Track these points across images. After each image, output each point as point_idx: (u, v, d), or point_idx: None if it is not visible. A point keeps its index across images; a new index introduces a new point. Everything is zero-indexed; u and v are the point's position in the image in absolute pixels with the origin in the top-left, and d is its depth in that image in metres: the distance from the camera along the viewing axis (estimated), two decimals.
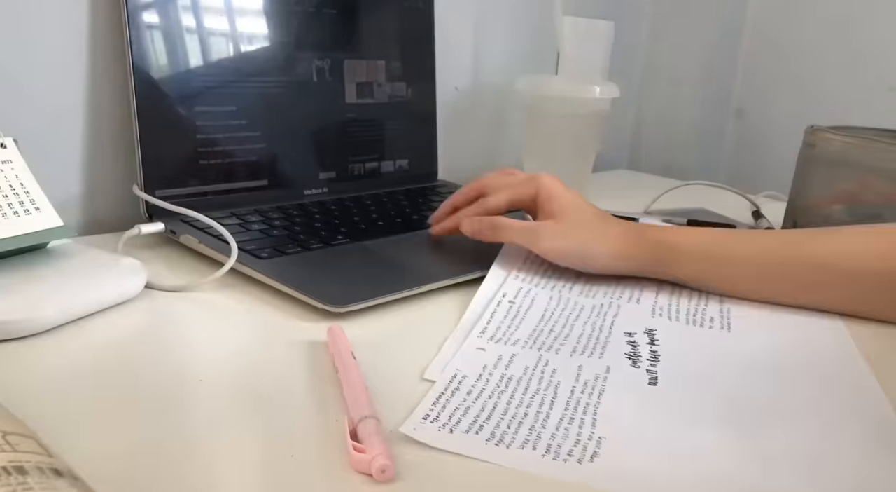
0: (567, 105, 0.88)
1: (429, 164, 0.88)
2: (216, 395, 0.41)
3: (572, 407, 0.40)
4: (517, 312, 0.53)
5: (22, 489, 0.23)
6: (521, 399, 0.41)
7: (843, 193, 0.72)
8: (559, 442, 0.37)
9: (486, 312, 0.52)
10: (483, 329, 0.50)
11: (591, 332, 0.51)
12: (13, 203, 0.52)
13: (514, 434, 0.37)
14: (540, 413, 0.40)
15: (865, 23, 1.00)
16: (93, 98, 0.67)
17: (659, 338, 0.50)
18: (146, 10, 0.64)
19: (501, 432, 0.37)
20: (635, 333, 0.51)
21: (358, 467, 0.34)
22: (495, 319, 0.51)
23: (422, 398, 0.41)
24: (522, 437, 0.37)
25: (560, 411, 0.40)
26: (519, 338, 0.49)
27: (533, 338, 0.49)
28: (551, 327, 0.51)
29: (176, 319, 0.51)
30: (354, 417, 0.37)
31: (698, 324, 0.53)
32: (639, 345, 0.49)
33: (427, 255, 0.65)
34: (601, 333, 0.50)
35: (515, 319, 0.52)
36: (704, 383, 0.45)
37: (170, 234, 0.63)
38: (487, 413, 0.39)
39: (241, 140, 0.70)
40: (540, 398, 0.41)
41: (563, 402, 0.41)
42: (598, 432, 0.38)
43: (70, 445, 0.31)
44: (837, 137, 0.72)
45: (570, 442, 0.37)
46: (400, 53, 0.83)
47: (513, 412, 0.39)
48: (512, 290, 0.56)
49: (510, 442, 0.37)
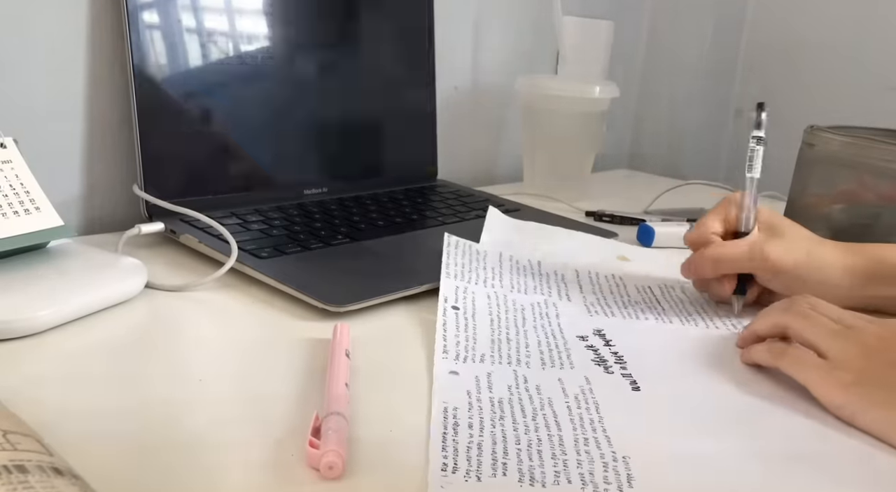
0: (567, 105, 0.88)
1: (428, 163, 0.88)
2: (216, 394, 0.42)
3: (579, 426, 0.40)
4: (466, 321, 0.52)
5: (23, 488, 0.23)
6: (524, 423, 0.40)
7: (842, 193, 0.72)
8: (589, 469, 0.36)
9: (439, 326, 0.50)
10: (444, 348, 0.47)
11: (546, 339, 0.51)
12: (13, 203, 0.52)
13: (542, 468, 0.36)
14: (552, 437, 0.39)
15: (865, 23, 0.99)
16: (93, 98, 0.67)
17: (610, 338, 0.52)
18: (146, 10, 0.64)
19: (527, 467, 0.36)
20: (587, 337, 0.52)
21: (310, 463, 0.34)
22: (449, 332, 0.49)
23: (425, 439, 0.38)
24: (551, 470, 0.36)
25: (569, 431, 0.39)
26: (483, 353, 0.48)
27: (496, 350, 0.48)
28: (506, 336, 0.50)
29: (176, 318, 0.51)
30: (321, 413, 0.37)
31: (633, 317, 0.56)
32: (598, 348, 0.50)
33: (426, 254, 0.65)
34: (557, 340, 0.51)
35: (468, 330, 0.50)
36: (681, 381, 0.47)
37: (170, 233, 0.63)
38: (502, 447, 0.37)
39: (241, 139, 0.70)
40: (542, 420, 0.40)
41: (567, 420, 0.40)
42: (618, 450, 0.38)
43: (70, 444, 0.31)
44: (836, 137, 0.72)
45: (599, 468, 0.36)
46: (400, 53, 0.83)
47: (526, 441, 0.38)
48: (450, 293, 0.55)
49: (543, 479, 0.35)
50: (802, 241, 0.56)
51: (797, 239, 0.56)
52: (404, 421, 0.40)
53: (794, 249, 0.55)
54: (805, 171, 0.76)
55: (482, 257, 0.62)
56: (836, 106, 0.99)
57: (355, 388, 0.42)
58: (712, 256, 0.55)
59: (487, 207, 0.74)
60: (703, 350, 0.51)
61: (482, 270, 0.60)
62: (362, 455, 0.36)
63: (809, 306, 0.47)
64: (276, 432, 0.38)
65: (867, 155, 0.70)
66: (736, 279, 0.56)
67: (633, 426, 0.40)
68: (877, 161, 0.69)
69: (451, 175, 0.90)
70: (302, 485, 0.34)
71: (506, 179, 1.00)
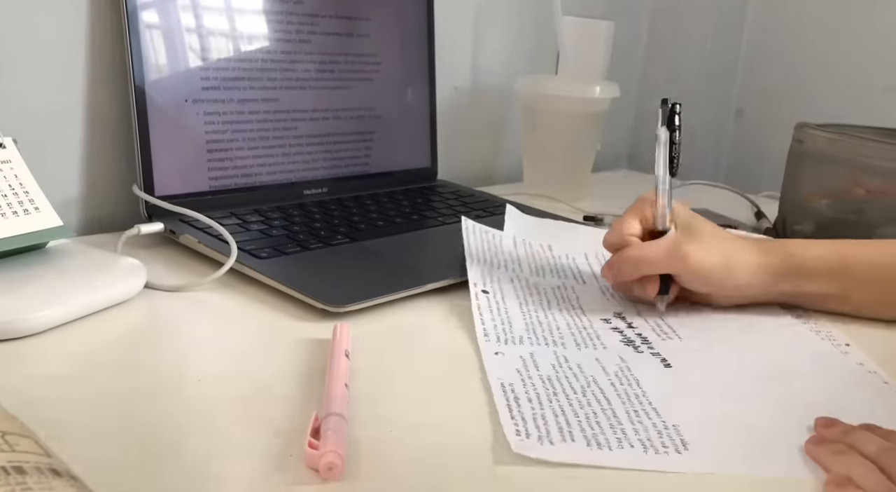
0: (567, 105, 0.88)
1: (428, 164, 0.88)
2: (215, 395, 0.41)
3: (626, 400, 0.43)
4: (497, 304, 0.55)
5: (21, 489, 0.23)
6: (577, 399, 0.43)
7: (829, 189, 0.73)
8: (646, 436, 0.39)
9: (475, 310, 0.53)
10: (485, 332, 0.50)
11: (574, 321, 0.54)
12: (12, 203, 0.52)
13: (604, 436, 0.39)
14: (605, 410, 0.42)
15: (865, 24, 0.99)
16: (92, 98, 0.67)
17: (631, 321, 0.55)
18: (146, 10, 0.64)
19: (591, 435, 0.39)
20: (610, 320, 0.55)
21: (309, 463, 0.34)
22: (486, 316, 0.52)
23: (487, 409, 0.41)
24: (613, 437, 0.39)
25: (619, 404, 0.42)
26: (521, 335, 0.51)
27: (532, 332, 0.51)
28: (538, 319, 0.53)
29: (175, 318, 0.51)
30: (320, 413, 0.37)
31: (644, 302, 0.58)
32: (622, 330, 0.53)
33: (426, 255, 0.65)
34: (583, 323, 0.54)
35: (501, 313, 0.53)
36: (705, 355, 0.50)
37: (169, 234, 0.63)
38: (564, 419, 0.40)
39: (241, 139, 0.70)
40: (592, 395, 0.43)
41: (615, 395, 0.43)
42: (667, 420, 0.41)
43: (68, 445, 0.31)
44: (823, 134, 0.74)
45: (654, 435, 0.40)
46: (400, 53, 0.83)
47: (583, 414, 0.41)
48: (478, 277, 0.57)
49: (608, 444, 0.38)
50: (719, 241, 0.56)
51: (714, 239, 0.55)
52: (404, 421, 0.40)
53: (711, 250, 0.55)
54: (795, 167, 0.77)
55: (499, 242, 0.65)
56: (836, 106, 0.99)
57: (355, 388, 0.41)
58: (632, 257, 0.55)
59: (487, 207, 0.74)
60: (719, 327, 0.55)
61: (501, 255, 0.63)
62: (362, 456, 0.36)
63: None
64: (275, 432, 0.37)
65: (854, 152, 0.71)
66: (658, 280, 0.55)
67: (674, 398, 0.44)
68: (863, 157, 0.71)
69: (451, 175, 0.90)
70: (301, 485, 0.34)
71: (506, 179, 1.00)
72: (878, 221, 0.70)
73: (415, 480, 0.35)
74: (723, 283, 0.55)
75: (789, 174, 0.78)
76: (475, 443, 0.38)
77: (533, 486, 0.35)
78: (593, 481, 0.36)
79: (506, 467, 0.36)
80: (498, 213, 0.74)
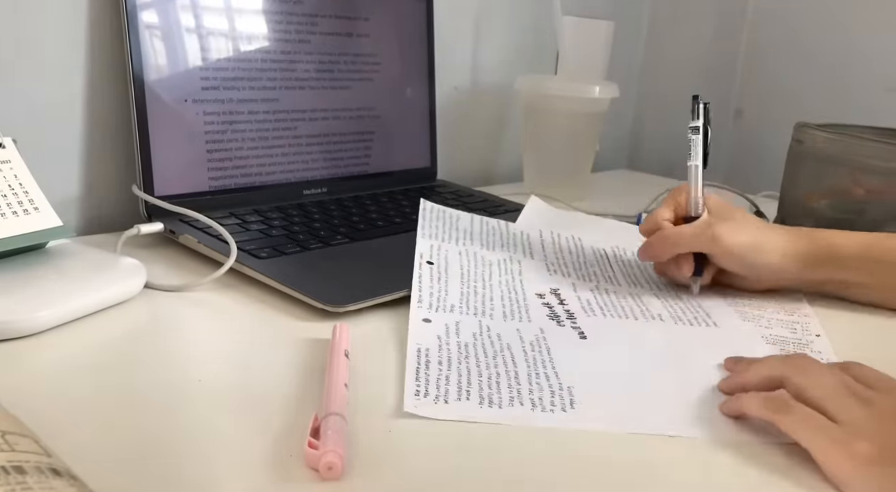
0: (567, 105, 0.88)
1: (428, 164, 0.88)
2: (215, 395, 0.41)
3: (532, 364, 0.46)
4: (440, 275, 0.57)
5: (21, 489, 0.23)
6: (486, 362, 0.46)
7: (829, 189, 0.74)
8: (539, 396, 0.43)
9: (415, 278, 0.55)
10: (419, 298, 0.53)
11: (509, 294, 0.57)
12: (12, 203, 0.52)
13: (499, 395, 0.42)
14: (509, 372, 0.45)
15: (865, 24, 0.99)
16: (92, 98, 0.67)
17: (564, 297, 0.57)
18: (146, 9, 0.64)
19: (487, 394, 0.42)
20: (545, 294, 0.58)
21: (309, 463, 0.34)
22: (424, 284, 0.55)
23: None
24: (507, 396, 0.42)
25: (524, 367, 0.46)
26: (453, 304, 0.53)
27: (464, 302, 0.54)
28: (474, 289, 0.56)
29: (175, 319, 0.51)
30: (320, 413, 0.37)
31: (586, 279, 0.61)
32: (553, 306, 0.56)
33: None
34: (518, 296, 0.57)
35: (441, 282, 0.56)
36: (622, 333, 0.53)
37: (169, 234, 0.63)
38: (466, 379, 0.44)
39: (241, 139, 0.70)
40: (501, 359, 0.46)
41: (523, 360, 0.47)
42: (564, 382, 0.44)
43: (69, 445, 0.31)
44: (822, 134, 0.74)
45: (547, 395, 0.43)
46: (399, 53, 0.83)
47: (487, 375, 0.44)
48: (425, 249, 0.60)
49: (499, 402, 0.42)
50: (750, 225, 0.58)
51: (745, 222, 0.58)
52: (403, 421, 0.40)
53: (742, 230, 0.57)
54: (794, 167, 0.78)
55: (455, 220, 0.67)
56: (836, 107, 0.99)
57: (355, 388, 0.42)
58: (666, 236, 0.58)
59: (487, 207, 0.74)
60: (647, 309, 0.57)
61: (455, 232, 0.65)
62: (361, 456, 0.36)
63: (813, 362, 0.42)
64: (274, 432, 0.38)
65: (853, 151, 0.72)
66: (692, 261, 0.58)
67: (577, 364, 0.47)
68: (862, 157, 0.71)
69: (451, 175, 0.90)
70: (301, 485, 0.34)
71: (506, 179, 1.00)
72: (877, 221, 0.70)
73: (415, 480, 0.35)
74: (754, 263, 0.57)
75: (789, 174, 0.78)
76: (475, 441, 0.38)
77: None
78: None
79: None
80: (498, 213, 0.75)
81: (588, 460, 0.38)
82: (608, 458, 0.38)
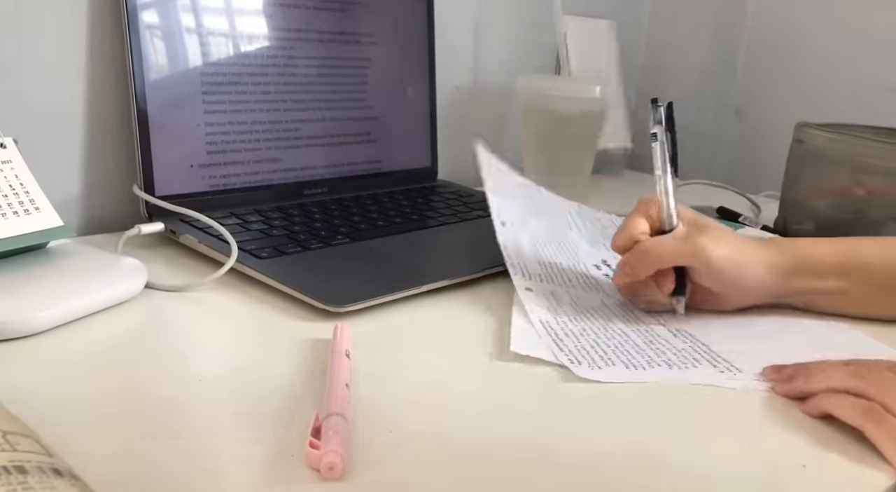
0: (567, 105, 0.88)
1: (429, 163, 0.88)
2: (216, 395, 0.41)
3: (645, 334, 0.52)
4: (514, 237, 0.61)
5: (22, 489, 0.23)
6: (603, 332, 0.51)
7: (829, 188, 0.74)
8: (670, 358, 0.48)
9: (500, 246, 0.59)
10: (513, 265, 0.58)
11: (573, 264, 0.63)
12: (13, 203, 0.52)
13: (636, 361, 0.47)
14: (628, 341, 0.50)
15: (865, 23, 0.99)
16: (93, 98, 0.67)
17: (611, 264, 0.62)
18: (146, 10, 0.64)
19: (625, 360, 0.48)
20: (601, 267, 0.63)
21: (310, 463, 0.34)
22: (509, 252, 0.59)
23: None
24: (643, 361, 0.48)
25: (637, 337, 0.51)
26: (539, 273, 0.59)
27: (546, 271, 0.60)
28: (549, 260, 0.62)
29: (176, 318, 0.51)
30: (321, 413, 0.37)
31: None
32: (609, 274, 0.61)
33: (426, 254, 0.65)
34: (580, 267, 0.62)
35: (521, 249, 0.60)
36: None
37: (170, 234, 0.63)
38: (600, 350, 0.49)
39: (241, 139, 0.70)
40: (617, 329, 0.52)
41: (634, 330, 0.52)
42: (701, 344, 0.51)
43: (69, 444, 0.31)
44: (823, 134, 0.74)
45: (674, 357, 0.48)
46: (400, 53, 0.83)
47: (614, 344, 0.50)
48: (494, 208, 0.62)
49: (642, 367, 0.47)
50: (728, 239, 0.54)
51: (723, 236, 0.54)
52: (404, 422, 0.40)
53: (723, 241, 0.53)
54: (795, 166, 0.78)
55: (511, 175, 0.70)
56: (837, 106, 0.99)
57: (355, 388, 0.42)
58: (647, 250, 0.53)
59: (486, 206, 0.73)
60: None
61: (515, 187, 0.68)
62: (362, 456, 0.36)
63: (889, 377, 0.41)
64: (275, 432, 0.38)
65: (853, 151, 0.72)
66: (673, 275, 0.53)
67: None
68: (862, 157, 0.71)
69: (451, 175, 0.90)
70: (302, 485, 0.34)
71: None
72: (878, 221, 0.70)
73: (415, 480, 0.35)
74: (736, 277, 0.53)
75: (789, 174, 0.78)
76: (475, 442, 0.38)
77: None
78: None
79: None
80: None
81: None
82: None
